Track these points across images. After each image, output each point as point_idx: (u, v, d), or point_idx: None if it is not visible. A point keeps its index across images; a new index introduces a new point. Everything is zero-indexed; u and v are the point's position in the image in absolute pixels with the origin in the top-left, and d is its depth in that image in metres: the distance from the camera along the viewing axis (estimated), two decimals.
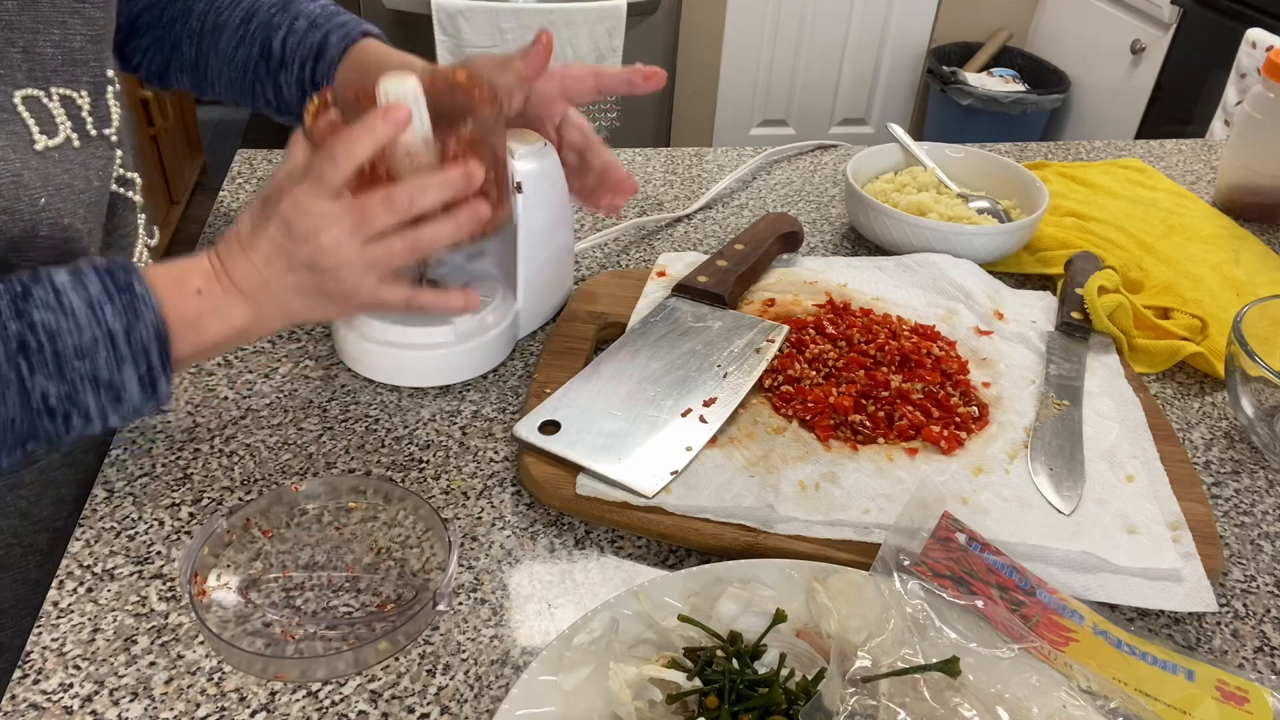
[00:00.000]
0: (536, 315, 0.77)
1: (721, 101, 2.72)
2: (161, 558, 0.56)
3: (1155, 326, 0.79)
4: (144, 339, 0.50)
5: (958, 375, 0.70)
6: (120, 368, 0.49)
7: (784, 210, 1.00)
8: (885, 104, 2.83)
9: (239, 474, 0.62)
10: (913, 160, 1.00)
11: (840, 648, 0.47)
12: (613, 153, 0.74)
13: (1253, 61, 1.61)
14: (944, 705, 0.45)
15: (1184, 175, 1.15)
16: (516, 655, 0.52)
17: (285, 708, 0.49)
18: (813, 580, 0.52)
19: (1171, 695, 0.49)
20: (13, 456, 0.50)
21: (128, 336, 0.49)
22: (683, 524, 0.58)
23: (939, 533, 0.55)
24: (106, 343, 0.49)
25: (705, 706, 0.45)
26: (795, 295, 0.80)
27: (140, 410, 0.52)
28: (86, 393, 0.49)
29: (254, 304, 0.55)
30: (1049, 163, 1.12)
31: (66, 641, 0.51)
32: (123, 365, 0.49)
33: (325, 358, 0.73)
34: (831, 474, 0.61)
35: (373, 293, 0.56)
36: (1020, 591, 0.53)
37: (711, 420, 0.64)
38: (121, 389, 0.50)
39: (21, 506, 0.66)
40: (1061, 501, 0.61)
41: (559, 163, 0.72)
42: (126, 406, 0.51)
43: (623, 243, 0.92)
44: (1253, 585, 0.60)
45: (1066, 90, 2.69)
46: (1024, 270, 0.90)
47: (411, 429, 0.67)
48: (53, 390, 0.48)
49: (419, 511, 0.59)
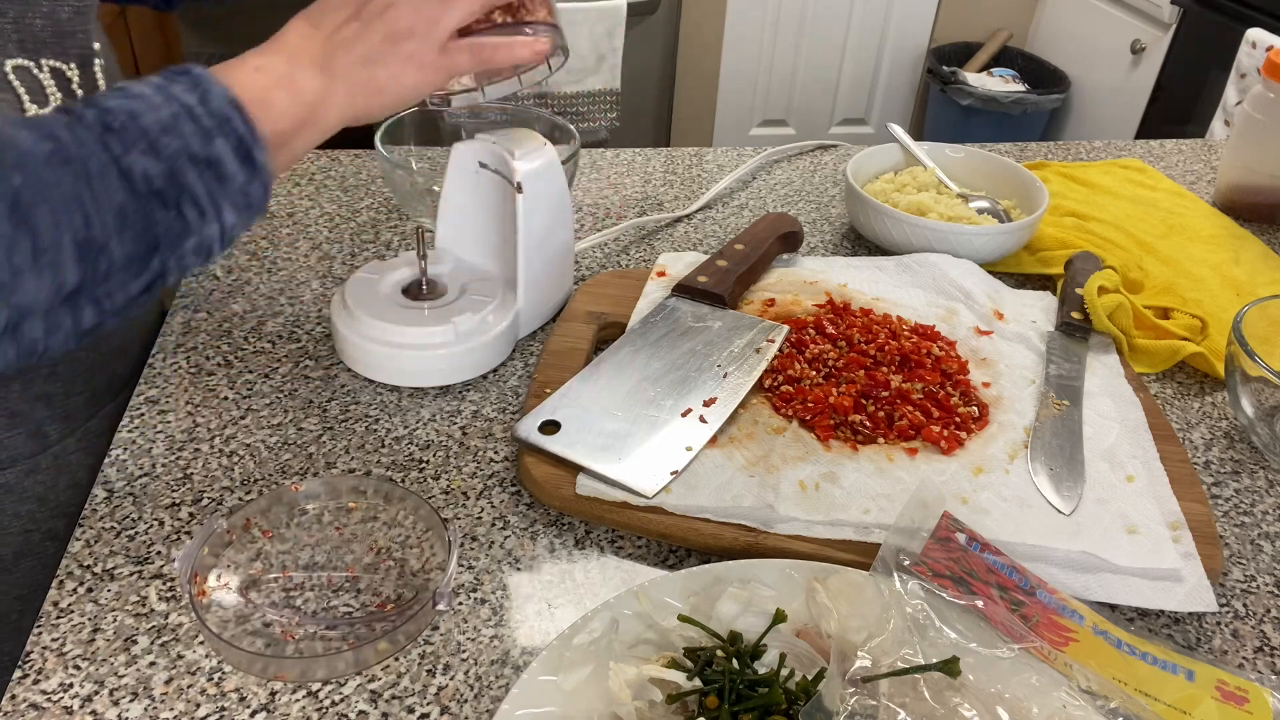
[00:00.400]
0: (536, 315, 0.77)
1: (721, 101, 2.72)
2: (161, 558, 0.56)
3: (1155, 326, 0.79)
4: (221, 109, 0.47)
5: (958, 375, 0.70)
6: (210, 140, 0.46)
7: (784, 210, 1.00)
8: (885, 104, 2.83)
9: (239, 474, 0.62)
10: (913, 160, 1.00)
11: (840, 648, 0.47)
12: None
13: (1253, 61, 1.61)
14: (944, 705, 0.45)
15: (1184, 175, 1.15)
16: (516, 655, 0.52)
17: (285, 708, 0.49)
18: (813, 580, 0.52)
19: (1171, 695, 0.49)
20: (141, 277, 0.46)
21: (205, 106, 0.46)
22: (683, 524, 0.58)
23: (939, 533, 0.55)
24: (187, 116, 0.46)
25: (705, 706, 0.45)
26: (795, 295, 0.80)
27: (249, 195, 0.49)
28: (188, 171, 0.46)
29: (319, 73, 0.52)
30: (1049, 163, 1.12)
31: (66, 641, 0.51)
32: (212, 138, 0.46)
33: (325, 358, 0.73)
34: (831, 474, 0.61)
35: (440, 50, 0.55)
36: (1020, 591, 0.53)
37: (711, 420, 0.64)
38: (220, 164, 0.47)
39: (39, 492, 0.66)
40: (1061, 501, 0.61)
41: (559, 162, 0.72)
42: (233, 187, 0.48)
43: (623, 243, 0.92)
44: (1253, 585, 0.60)
45: (1066, 90, 2.69)
46: (1024, 270, 0.90)
47: (411, 429, 0.67)
48: (153, 169, 0.45)
49: (419, 511, 0.60)
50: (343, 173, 1.00)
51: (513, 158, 0.69)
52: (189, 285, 0.81)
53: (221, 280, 0.82)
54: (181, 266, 0.48)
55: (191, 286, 0.81)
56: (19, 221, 0.40)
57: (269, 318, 0.77)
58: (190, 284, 0.81)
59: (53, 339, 0.44)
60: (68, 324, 0.44)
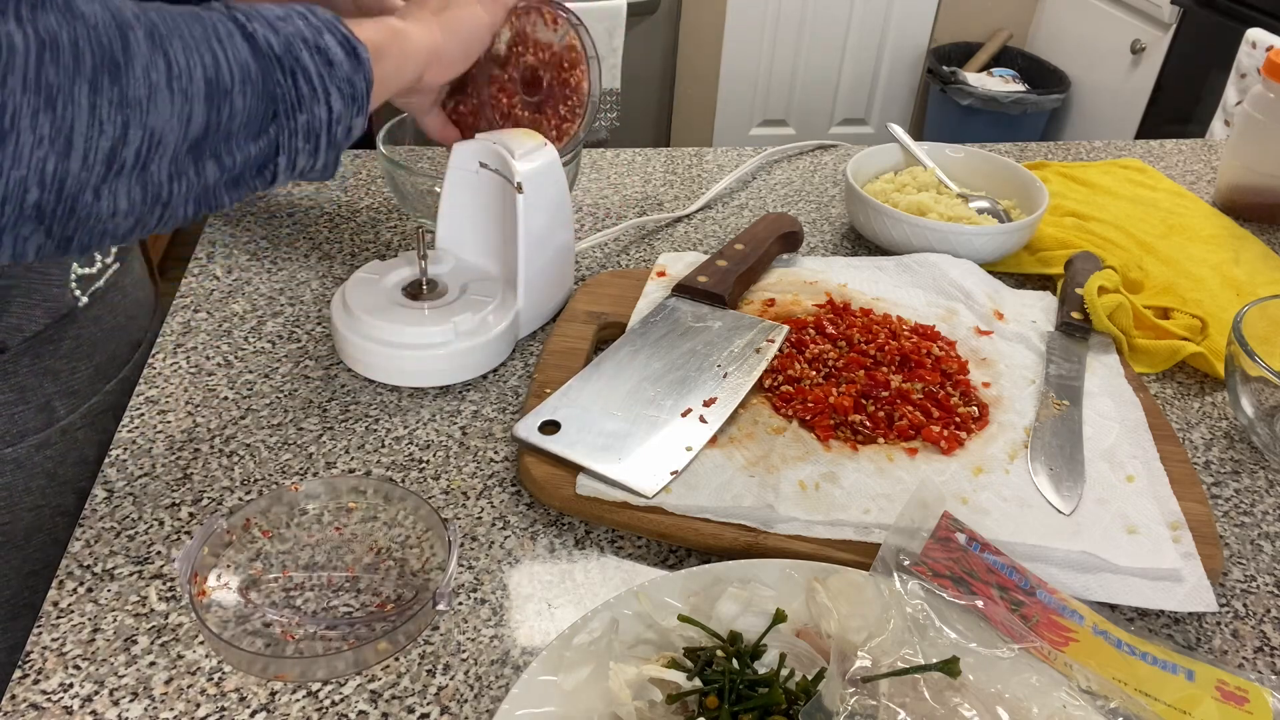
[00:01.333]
0: (537, 315, 0.77)
1: (721, 101, 2.72)
2: (161, 558, 0.56)
3: (1155, 326, 0.79)
4: (327, 17, 0.52)
5: (958, 375, 0.70)
6: (321, 34, 0.51)
7: (784, 210, 1.00)
8: (885, 104, 2.83)
9: (239, 474, 0.62)
10: (913, 160, 1.00)
11: (840, 648, 0.47)
12: None
13: (1253, 61, 1.62)
14: (944, 705, 0.45)
15: (1184, 175, 1.15)
16: (516, 655, 0.52)
17: (285, 708, 0.49)
18: (813, 580, 0.52)
19: (1171, 695, 0.49)
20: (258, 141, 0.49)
21: (314, 14, 0.51)
22: (683, 524, 0.58)
23: (939, 533, 0.55)
24: (299, 15, 0.51)
25: (705, 706, 0.45)
26: (795, 295, 0.80)
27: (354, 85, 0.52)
28: (302, 50, 0.50)
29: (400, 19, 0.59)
30: (1049, 163, 1.12)
31: (66, 641, 0.51)
32: (322, 33, 0.51)
33: (325, 358, 0.73)
34: (831, 474, 0.61)
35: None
36: (1020, 591, 0.53)
37: (711, 420, 0.64)
38: (329, 52, 0.51)
39: (48, 468, 0.68)
40: (1061, 501, 0.61)
41: (560, 163, 0.72)
42: (340, 74, 0.51)
43: (623, 243, 0.92)
44: (1253, 585, 0.60)
45: (1066, 90, 2.69)
46: (1024, 270, 0.90)
47: (411, 429, 0.67)
48: (274, 39, 0.48)
49: (419, 511, 0.60)
50: (343, 173, 1.00)
51: (513, 158, 0.69)
52: (189, 285, 0.81)
53: (221, 280, 0.82)
54: (291, 150, 0.51)
55: (192, 286, 0.81)
56: (156, 45, 0.43)
57: (269, 318, 0.77)
58: (190, 284, 0.81)
59: (176, 188, 0.46)
60: (191, 173, 0.46)
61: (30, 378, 0.66)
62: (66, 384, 0.69)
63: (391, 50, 0.57)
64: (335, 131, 0.52)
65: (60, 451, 0.69)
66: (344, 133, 0.53)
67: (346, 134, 0.53)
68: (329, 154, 0.53)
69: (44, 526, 0.69)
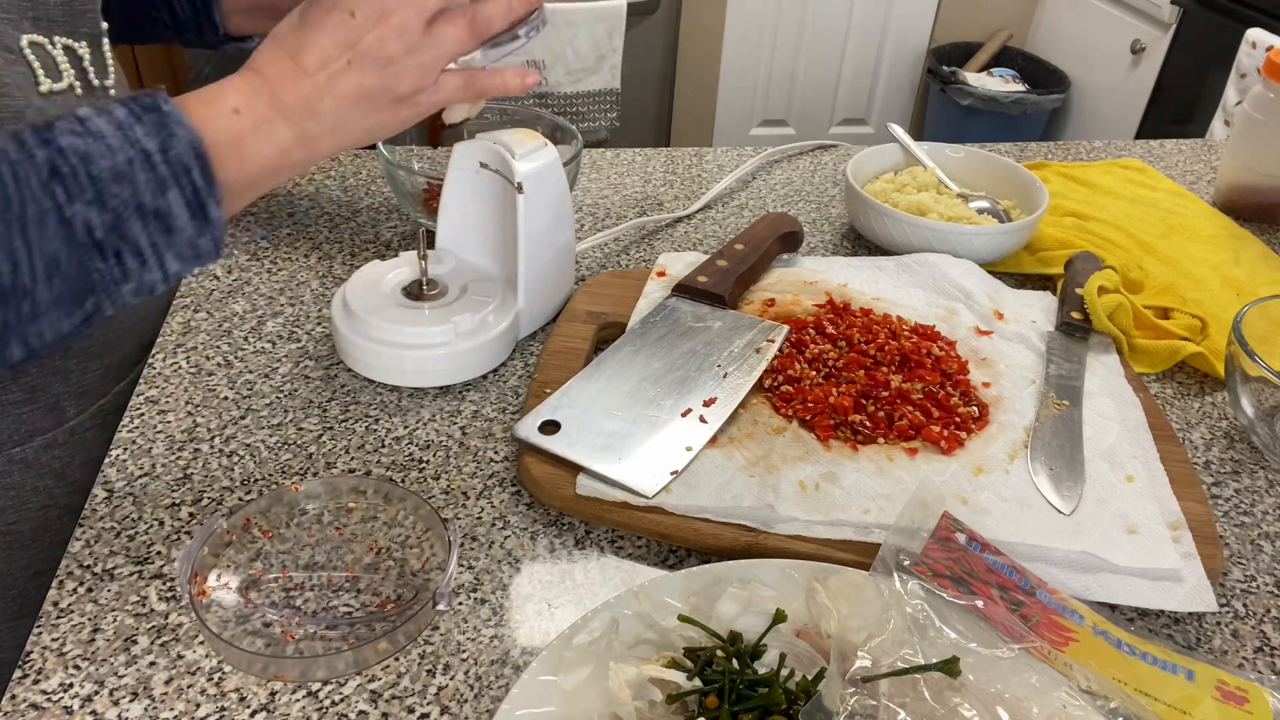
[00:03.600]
0: (537, 315, 0.77)
1: (721, 101, 2.72)
2: (161, 558, 0.56)
3: (1155, 326, 0.79)
4: (182, 157, 0.45)
5: (958, 375, 0.70)
6: (163, 191, 0.45)
7: (784, 210, 1.00)
8: (885, 104, 2.83)
9: (239, 474, 0.62)
10: (913, 160, 1.00)
11: (840, 648, 0.47)
12: None
13: (1253, 61, 1.61)
14: (944, 705, 0.45)
15: (1184, 175, 1.15)
16: (516, 655, 0.52)
17: (285, 708, 0.49)
18: (813, 580, 0.52)
19: (1171, 695, 0.49)
20: (73, 317, 0.45)
21: (164, 155, 0.45)
22: (683, 524, 0.58)
23: (939, 533, 0.55)
24: (143, 164, 0.44)
25: (705, 706, 0.45)
26: (795, 295, 0.80)
27: (197, 248, 0.47)
28: (134, 223, 0.44)
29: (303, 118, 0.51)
30: (1049, 163, 1.12)
31: (66, 641, 0.51)
32: (166, 189, 0.45)
33: (325, 358, 0.73)
34: (831, 474, 0.61)
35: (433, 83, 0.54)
36: (1020, 591, 0.53)
37: (711, 420, 0.64)
38: (170, 216, 0.45)
39: (56, 468, 0.68)
40: (1061, 501, 0.61)
41: (560, 163, 0.72)
42: (180, 240, 0.46)
43: (623, 243, 0.92)
44: (1253, 585, 0.60)
45: (1066, 90, 2.69)
46: (1024, 270, 0.90)
47: (411, 429, 0.67)
48: (96, 220, 0.43)
49: (419, 511, 0.60)
50: (343, 173, 1.00)
51: (513, 158, 0.69)
52: (189, 285, 0.81)
53: (221, 280, 0.82)
54: (120, 304, 0.47)
55: (191, 286, 0.81)
56: None
57: (269, 318, 0.77)
58: (190, 284, 0.81)
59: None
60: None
61: (40, 378, 0.66)
62: (77, 384, 0.69)
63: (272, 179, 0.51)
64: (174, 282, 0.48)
65: (69, 452, 0.69)
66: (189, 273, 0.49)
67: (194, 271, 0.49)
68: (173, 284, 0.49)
69: (51, 526, 0.69)
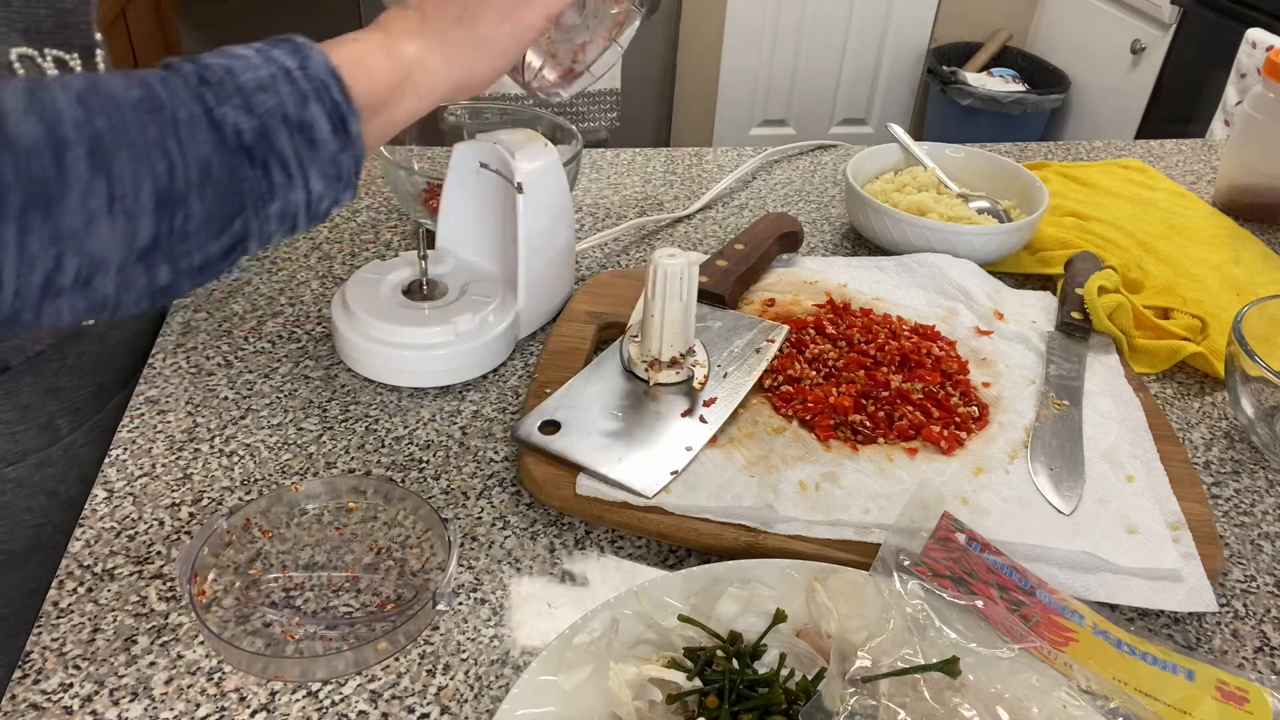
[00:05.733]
0: (537, 315, 0.77)
1: (721, 101, 2.72)
2: (161, 558, 0.56)
3: (1155, 326, 0.79)
4: (320, 74, 0.46)
5: (958, 375, 0.70)
6: (305, 104, 0.45)
7: (784, 210, 1.00)
8: (885, 104, 2.83)
9: (239, 474, 0.62)
10: (913, 160, 1.00)
11: (840, 648, 0.47)
12: None
13: (1253, 61, 1.62)
14: (944, 705, 0.45)
15: (1184, 175, 1.15)
16: (516, 655, 0.52)
17: (285, 708, 0.49)
18: (813, 580, 0.52)
19: (1171, 695, 0.49)
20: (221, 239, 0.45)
21: (304, 71, 0.45)
22: (683, 524, 0.58)
23: (939, 533, 0.55)
24: (285, 78, 0.45)
25: (705, 706, 0.45)
26: (795, 295, 0.80)
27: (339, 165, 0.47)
28: (280, 133, 0.44)
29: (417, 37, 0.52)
30: (1049, 163, 1.12)
31: (66, 641, 0.51)
32: (308, 101, 0.45)
33: (325, 358, 0.73)
34: (831, 474, 0.61)
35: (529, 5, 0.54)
36: (1020, 591, 0.53)
37: (711, 420, 0.64)
38: (313, 129, 0.45)
39: (49, 485, 0.67)
40: (1061, 501, 0.61)
41: (560, 163, 0.72)
42: (323, 155, 0.46)
43: (623, 243, 0.92)
44: (1253, 585, 0.60)
45: (1066, 90, 2.69)
46: (1024, 270, 0.90)
47: (411, 429, 0.67)
48: (245, 124, 0.43)
49: (419, 511, 0.60)
50: None
51: (513, 158, 0.69)
52: None
53: (221, 280, 0.82)
54: (264, 233, 0.47)
55: None
56: (97, 165, 0.39)
57: (269, 318, 0.77)
58: None
59: (125, 296, 0.43)
60: (141, 282, 0.43)
61: (33, 396, 0.65)
62: (70, 402, 0.68)
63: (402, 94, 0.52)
64: (316, 210, 0.48)
65: (62, 470, 0.68)
66: (328, 207, 0.49)
67: (332, 207, 0.49)
68: (309, 226, 0.49)
69: (45, 544, 0.68)
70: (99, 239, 0.40)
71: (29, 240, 0.37)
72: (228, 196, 0.44)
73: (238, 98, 0.43)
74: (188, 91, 0.42)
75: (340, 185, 0.48)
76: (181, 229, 0.42)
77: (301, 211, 0.47)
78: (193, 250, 0.44)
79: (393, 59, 0.51)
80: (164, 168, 0.41)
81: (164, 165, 0.41)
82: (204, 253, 0.44)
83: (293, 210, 0.47)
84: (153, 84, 0.42)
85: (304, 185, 0.46)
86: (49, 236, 0.38)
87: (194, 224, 0.43)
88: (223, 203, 0.44)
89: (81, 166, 0.38)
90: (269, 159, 0.44)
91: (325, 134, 0.46)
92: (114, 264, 0.41)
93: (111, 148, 0.39)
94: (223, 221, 0.44)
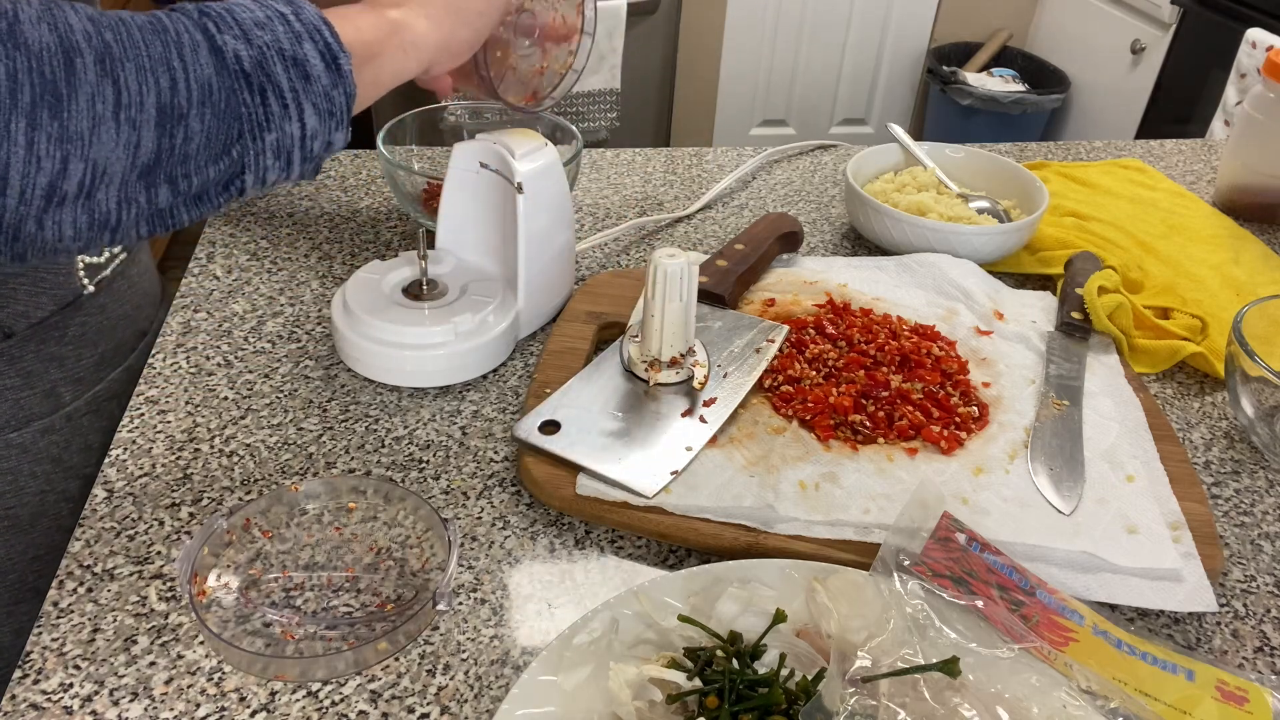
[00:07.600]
0: (537, 315, 0.77)
1: (721, 101, 2.72)
2: (161, 558, 0.56)
3: (1155, 326, 0.79)
4: (312, 19, 0.49)
5: (958, 375, 0.70)
6: (300, 42, 0.48)
7: (784, 210, 1.00)
8: (885, 104, 2.83)
9: (239, 474, 0.62)
10: (913, 160, 1.00)
11: (840, 648, 0.47)
12: None
13: (1253, 61, 1.62)
14: (944, 705, 0.45)
15: (1184, 175, 1.15)
16: (516, 655, 0.52)
17: (285, 708, 0.49)
18: (813, 580, 0.52)
19: (1171, 695, 0.49)
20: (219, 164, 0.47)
21: (297, 16, 0.49)
22: (683, 524, 0.58)
23: (939, 533, 0.55)
24: (280, 19, 0.48)
25: (705, 706, 0.45)
26: (795, 295, 0.80)
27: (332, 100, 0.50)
28: (276, 64, 0.47)
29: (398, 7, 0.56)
30: (1049, 163, 1.12)
31: (66, 641, 0.51)
32: (301, 40, 0.48)
33: (325, 358, 0.73)
34: (831, 474, 0.61)
35: None
36: (1020, 591, 0.53)
37: (711, 420, 0.64)
38: (307, 64, 0.48)
39: (53, 453, 0.69)
40: (1061, 501, 0.61)
41: (560, 163, 0.72)
42: (316, 89, 0.49)
43: (623, 243, 0.92)
44: (1253, 585, 0.60)
45: (1066, 90, 2.69)
46: (1024, 270, 0.90)
47: (411, 429, 0.67)
48: (244, 52, 0.46)
49: (419, 511, 0.60)
50: (343, 173, 1.00)
51: (513, 158, 0.69)
52: (189, 285, 0.81)
53: (221, 280, 0.82)
54: (260, 168, 0.48)
55: (191, 286, 0.81)
56: (105, 72, 0.41)
57: (269, 318, 0.77)
58: (190, 284, 0.81)
59: (125, 215, 0.44)
60: (141, 200, 0.44)
61: (36, 363, 0.67)
62: (72, 371, 0.69)
63: (388, 49, 0.55)
64: (310, 147, 0.50)
65: (65, 437, 0.69)
66: (321, 147, 0.51)
67: (325, 148, 0.51)
68: (304, 167, 0.51)
69: (49, 511, 0.69)
70: (104, 145, 0.41)
71: (37, 137, 0.39)
72: (226, 120, 0.46)
73: (237, 29, 0.46)
74: (191, 22, 0.45)
75: (333, 122, 0.50)
76: (182, 149, 0.44)
77: (296, 147, 0.49)
78: (191, 173, 0.46)
79: (379, 18, 0.54)
80: (167, 82, 0.43)
81: (167, 80, 0.43)
82: (202, 177, 0.46)
83: (288, 144, 0.49)
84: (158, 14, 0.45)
85: (299, 117, 0.48)
86: (57, 136, 0.40)
87: (194, 145, 0.45)
88: (221, 125, 0.46)
89: (90, 72, 0.40)
90: (266, 86, 0.47)
91: (319, 69, 0.49)
92: (117, 176, 0.42)
93: (119, 59, 0.41)
94: (220, 146, 0.46)
